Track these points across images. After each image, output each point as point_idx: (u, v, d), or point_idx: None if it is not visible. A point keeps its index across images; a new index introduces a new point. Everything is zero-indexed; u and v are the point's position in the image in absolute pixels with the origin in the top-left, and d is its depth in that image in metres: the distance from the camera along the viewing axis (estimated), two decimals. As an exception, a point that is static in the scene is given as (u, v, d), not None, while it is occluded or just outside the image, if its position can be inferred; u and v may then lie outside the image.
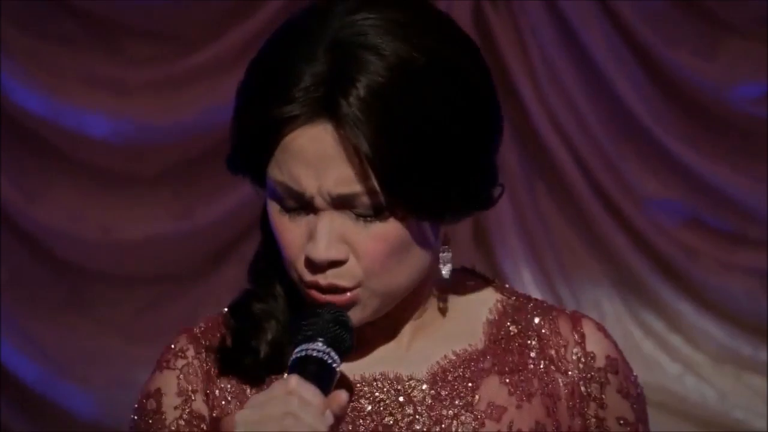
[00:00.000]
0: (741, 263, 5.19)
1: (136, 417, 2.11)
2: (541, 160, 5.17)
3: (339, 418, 1.98)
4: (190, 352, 2.14)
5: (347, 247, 2.02)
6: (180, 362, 2.13)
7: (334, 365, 1.99)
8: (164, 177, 5.18)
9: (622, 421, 2.15)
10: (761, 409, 5.29)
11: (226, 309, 2.14)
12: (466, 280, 2.17)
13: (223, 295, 2.16)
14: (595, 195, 5.16)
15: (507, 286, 2.16)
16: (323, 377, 1.99)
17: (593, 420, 2.13)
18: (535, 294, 3.71)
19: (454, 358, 2.14)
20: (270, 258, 2.11)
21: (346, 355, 2.03)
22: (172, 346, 2.11)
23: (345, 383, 2.09)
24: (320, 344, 2.02)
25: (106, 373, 5.17)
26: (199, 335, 2.13)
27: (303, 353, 2.01)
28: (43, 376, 5.14)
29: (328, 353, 2.02)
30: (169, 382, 2.13)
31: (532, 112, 5.15)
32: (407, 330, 2.16)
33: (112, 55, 5.17)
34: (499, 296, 2.15)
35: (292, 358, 1.99)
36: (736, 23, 5.22)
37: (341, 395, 1.96)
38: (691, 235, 5.21)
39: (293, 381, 1.94)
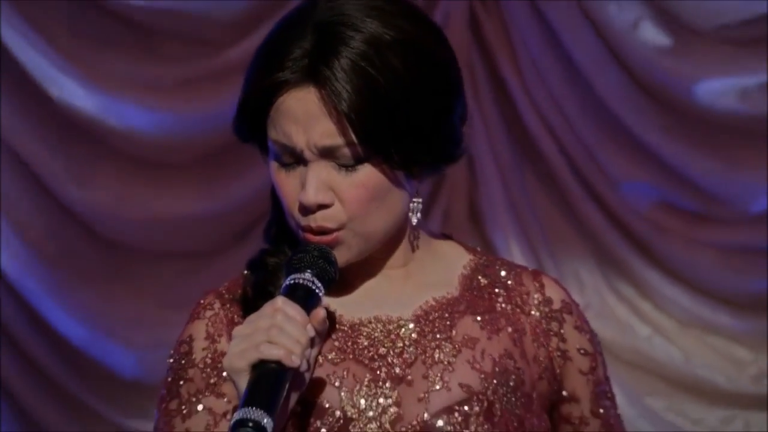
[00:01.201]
0: (702, 239, 5.25)
1: (171, 360, 2.41)
2: (528, 148, 5.28)
3: (320, 332, 2.28)
4: (217, 305, 2.40)
5: (332, 194, 2.32)
6: (208, 313, 2.40)
7: (318, 291, 2.28)
8: (194, 165, 5.28)
9: (582, 351, 2.48)
10: (721, 367, 5.35)
11: (245, 271, 2.43)
12: (446, 243, 2.51)
13: (243, 267, 2.49)
14: (576, 179, 5.26)
15: (479, 249, 2.54)
16: (308, 300, 2.26)
17: (557, 352, 2.48)
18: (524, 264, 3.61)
19: (434, 303, 2.41)
20: (278, 224, 2.40)
21: (330, 285, 2.33)
22: (202, 301, 2.41)
23: (329, 315, 2.37)
24: (308, 274, 2.30)
25: (144, 336, 5.24)
26: (223, 292, 2.41)
27: (292, 281, 2.29)
28: (90, 338, 5.21)
29: (313, 281, 2.29)
30: (199, 330, 2.42)
31: (521, 107, 5.26)
32: (396, 279, 2.44)
33: (151, 56, 5.22)
34: (472, 256, 2.47)
35: (283, 285, 2.29)
36: (702, 27, 5.19)
37: (320, 312, 2.24)
38: (659, 214, 5.25)
39: (279, 301, 2.23)
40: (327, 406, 2.37)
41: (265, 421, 2.17)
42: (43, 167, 5.16)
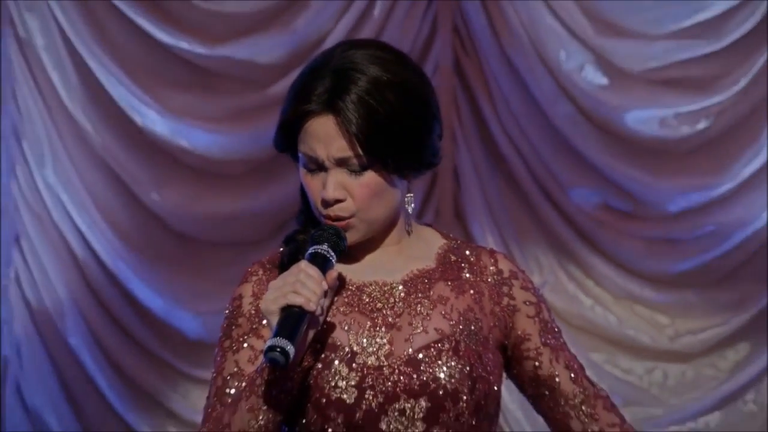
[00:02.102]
0: (631, 231, 5.24)
1: (226, 311, 2.51)
2: (500, 162, 5.26)
3: (332, 288, 2.41)
4: (260, 272, 2.48)
5: (345, 191, 2.43)
6: (254, 278, 2.49)
7: (332, 259, 2.41)
8: (242, 175, 5.28)
9: (527, 302, 2.57)
10: (646, 329, 5.32)
11: (281, 247, 2.53)
12: (428, 230, 2.62)
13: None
14: (536, 186, 5.25)
15: (451, 235, 2.63)
16: (324, 264, 2.39)
17: (507, 308, 2.56)
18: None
19: (417, 272, 2.53)
20: (306, 212, 2.49)
21: (341, 255, 2.46)
22: (249, 269, 2.50)
23: (340, 277, 2.49)
24: (325, 246, 2.42)
25: (205, 305, 5.22)
26: (265, 262, 2.50)
27: (313, 250, 2.41)
28: (165, 307, 5.24)
29: (328, 251, 2.42)
30: (246, 290, 2.50)
31: (494, 130, 5.25)
32: (390, 254, 2.55)
33: (210, 92, 5.21)
34: (446, 241, 2.57)
35: (306, 254, 2.41)
36: (631, 70, 5.18)
37: (333, 274, 2.37)
38: (599, 212, 5.22)
39: (303, 263, 2.36)
40: (339, 344, 2.45)
41: (289, 347, 2.29)
42: (130, 177, 5.20)
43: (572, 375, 2.62)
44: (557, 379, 2.59)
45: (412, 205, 2.55)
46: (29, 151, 5.11)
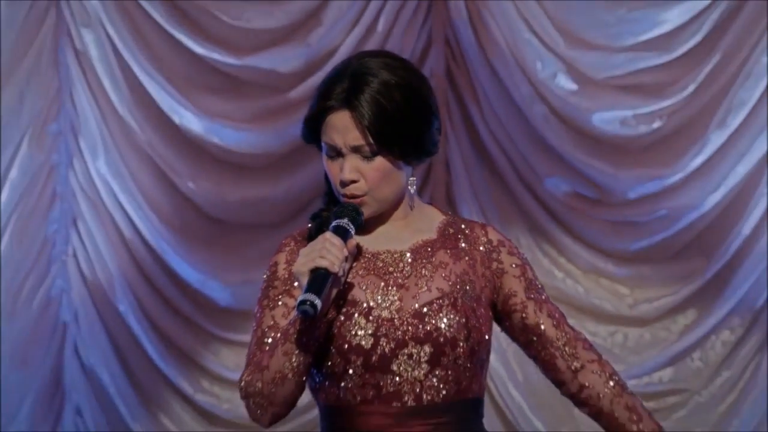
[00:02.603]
0: (597, 215, 5.20)
1: (264, 276, 2.58)
2: (484, 154, 5.23)
3: (351, 254, 2.49)
4: (292, 243, 2.56)
5: (359, 174, 2.52)
6: (287, 248, 2.57)
7: (351, 230, 2.50)
8: (266, 166, 5.24)
9: (513, 265, 2.60)
10: (609, 299, 5.28)
11: (309, 223, 2.60)
12: (430, 208, 2.67)
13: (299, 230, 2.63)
14: (515, 176, 5.21)
15: (450, 212, 2.68)
16: (345, 235, 2.48)
17: (497, 271, 2.61)
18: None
19: (421, 242, 2.59)
20: (329, 194, 2.58)
21: (359, 228, 2.55)
22: (284, 241, 2.59)
23: (358, 246, 2.55)
24: (345, 220, 2.51)
25: (234, 277, 5.21)
26: (296, 235, 2.58)
27: (336, 224, 2.50)
28: (200, 279, 5.20)
29: (348, 224, 2.51)
30: (281, 258, 2.57)
31: (480, 128, 5.21)
32: (398, 227, 2.61)
33: (238, 96, 5.18)
34: (444, 217, 2.63)
35: (330, 226, 2.49)
36: (597, 78, 5.13)
37: (352, 242, 2.46)
38: (569, 199, 5.18)
39: (327, 234, 2.46)
40: (358, 300, 2.50)
41: (317, 301, 2.36)
42: (169, 168, 5.18)
43: (554, 322, 2.66)
44: (542, 327, 2.63)
45: (415, 186, 2.59)
46: (84, 145, 5.10)
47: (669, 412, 5.14)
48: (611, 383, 2.66)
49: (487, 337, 2.59)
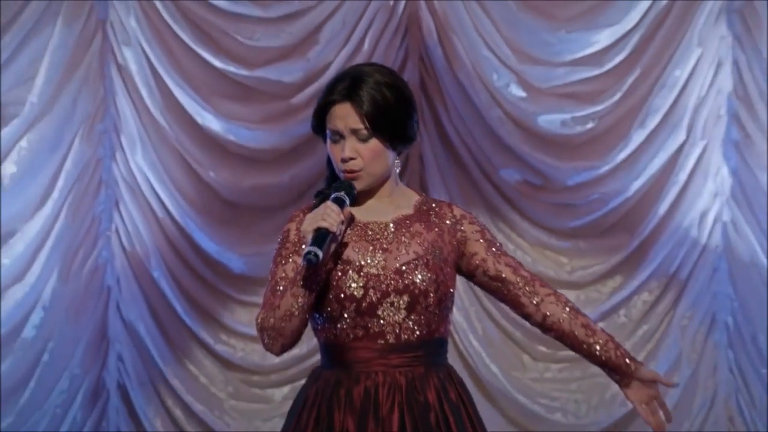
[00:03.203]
0: (542, 198, 5.11)
1: (279, 240, 2.62)
2: (451, 149, 5.14)
3: (346, 219, 2.52)
4: (301, 215, 2.59)
5: (356, 153, 2.55)
6: (297, 219, 2.60)
7: (346, 201, 2.54)
8: (273, 159, 5.13)
9: (474, 231, 2.62)
10: (551, 266, 5.19)
11: (314, 198, 2.60)
12: (409, 189, 2.69)
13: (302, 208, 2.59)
14: (476, 167, 5.13)
15: (423, 194, 2.68)
16: (342, 204, 2.53)
17: (461, 238, 2.63)
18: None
19: (401, 216, 2.61)
20: (330, 178, 2.60)
21: (353, 200, 2.57)
22: (294, 213, 2.63)
23: (353, 218, 2.59)
24: (342, 193, 2.56)
25: (247, 249, 5.11)
26: (304, 209, 2.61)
27: (335, 195, 2.55)
28: (219, 250, 5.10)
29: (344, 196, 2.56)
30: (292, 226, 2.61)
31: (447, 129, 5.12)
32: (384, 203, 2.65)
33: (250, 101, 5.06)
34: (419, 197, 2.64)
35: (330, 197, 2.54)
36: (542, 87, 5.01)
37: (347, 210, 2.51)
38: (520, 185, 5.11)
39: (328, 202, 2.50)
40: (352, 260, 2.55)
41: (319, 253, 2.41)
42: (194, 160, 5.09)
43: (512, 269, 2.66)
44: (503, 274, 2.64)
45: (398, 168, 2.62)
46: (125, 142, 5.03)
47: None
48: (567, 309, 2.67)
49: (451, 290, 2.64)
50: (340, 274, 2.59)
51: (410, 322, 2.58)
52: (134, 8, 4.95)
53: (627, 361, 2.65)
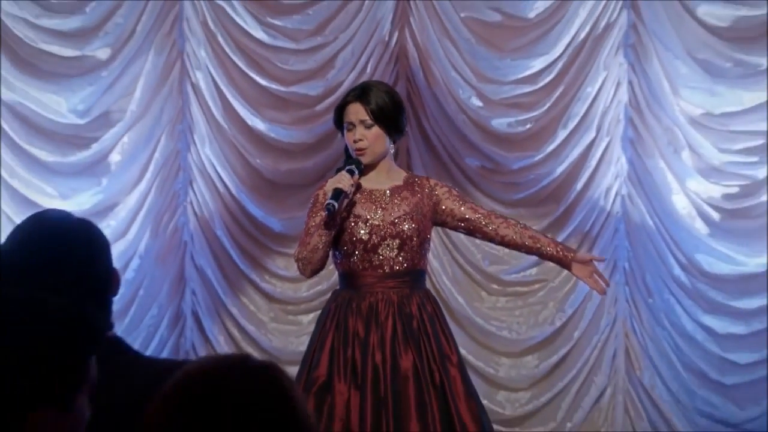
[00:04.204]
0: (495, 180, 5.14)
1: (310, 203, 2.80)
2: (430, 144, 5.14)
3: (355, 184, 2.67)
4: (326, 186, 2.77)
5: (363, 136, 2.72)
6: (322, 189, 2.83)
7: (356, 172, 2.73)
8: (301, 151, 5.14)
9: (443, 192, 2.87)
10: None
11: (334, 174, 2.69)
12: (400, 169, 2.93)
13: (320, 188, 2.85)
14: (448, 156, 5.13)
15: (410, 171, 2.96)
16: (352, 174, 2.72)
17: (436, 201, 2.86)
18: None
19: (395, 186, 2.87)
20: (346, 160, 2.77)
21: (360, 172, 2.72)
22: (321, 184, 2.83)
23: (360, 184, 2.72)
24: (353, 166, 2.75)
25: (283, 213, 5.11)
26: (328, 179, 2.80)
27: (347, 168, 2.77)
28: (264, 215, 5.13)
29: (354, 169, 2.73)
30: (320, 192, 2.85)
31: (425, 127, 5.11)
32: (383, 177, 2.85)
33: (285, 109, 5.09)
34: (407, 173, 2.92)
35: (345, 169, 2.74)
36: (494, 99, 5.06)
37: (356, 177, 2.66)
38: (479, 170, 5.14)
39: (343, 172, 2.71)
40: (361, 215, 2.87)
41: (335, 204, 2.67)
42: (246, 151, 5.10)
43: (473, 210, 2.89)
44: (467, 215, 2.89)
45: (393, 151, 2.94)
46: (197, 138, 5.12)
47: (535, 293, 5.20)
48: (518, 228, 2.90)
49: (428, 236, 2.98)
50: (353, 224, 2.91)
51: (400, 258, 2.87)
52: (204, 42, 5.07)
53: (565, 253, 2.91)
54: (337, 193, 2.72)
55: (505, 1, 5.04)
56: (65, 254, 1.66)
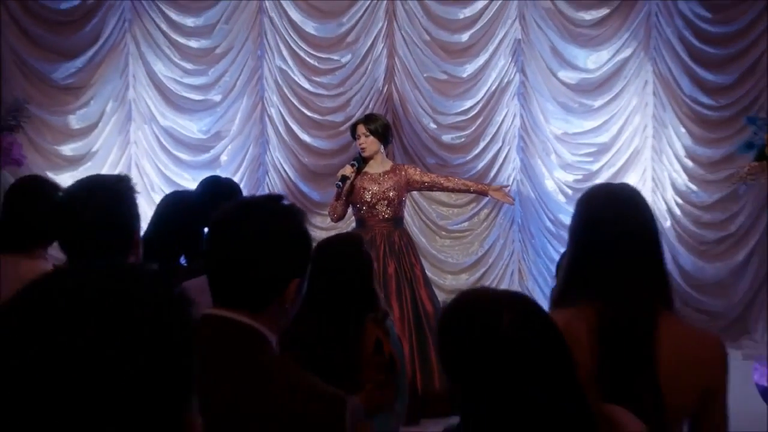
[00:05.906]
0: (444, 171, 6.24)
1: (335, 184, 3.79)
2: (407, 152, 6.51)
3: (355, 172, 3.70)
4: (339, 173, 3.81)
5: (366, 141, 3.78)
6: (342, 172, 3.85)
7: (356, 164, 3.77)
8: (331, 153, 6.58)
9: (412, 170, 3.88)
10: (446, 197, 6.37)
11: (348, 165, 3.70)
12: (389, 161, 3.93)
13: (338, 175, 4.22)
14: (417, 159, 6.57)
15: (395, 162, 4.01)
16: (354, 165, 3.83)
17: (409, 179, 4.05)
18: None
19: (385, 170, 3.92)
20: (357, 159, 3.76)
21: (361, 165, 3.86)
22: (342, 170, 3.81)
23: (363, 170, 3.77)
24: (356, 161, 3.91)
25: (321, 191, 6.43)
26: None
27: (353, 161, 4.00)
28: (308, 191, 6.54)
29: (356, 162, 3.80)
30: (339, 173, 3.88)
31: (405, 142, 6.59)
32: (378, 165, 3.83)
33: (321, 129, 6.57)
34: (393, 163, 3.96)
35: (351, 162, 4.05)
36: (443, 122, 6.45)
37: (355, 168, 3.52)
38: (435, 165, 6.54)
39: (348, 164, 3.91)
40: (366, 187, 3.77)
41: (341, 184, 3.43)
42: (298, 151, 6.58)
43: (427, 175, 3.88)
44: (425, 180, 3.84)
45: (384, 151, 3.80)
46: (270, 147, 6.77)
47: (466, 236, 6.78)
48: (455, 180, 3.86)
49: (404, 199, 4.00)
50: (362, 191, 3.99)
51: (389, 210, 4.01)
52: (275, 91, 6.91)
53: (484, 187, 3.99)
54: (343, 178, 3.79)
55: (449, 66, 7.00)
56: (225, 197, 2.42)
